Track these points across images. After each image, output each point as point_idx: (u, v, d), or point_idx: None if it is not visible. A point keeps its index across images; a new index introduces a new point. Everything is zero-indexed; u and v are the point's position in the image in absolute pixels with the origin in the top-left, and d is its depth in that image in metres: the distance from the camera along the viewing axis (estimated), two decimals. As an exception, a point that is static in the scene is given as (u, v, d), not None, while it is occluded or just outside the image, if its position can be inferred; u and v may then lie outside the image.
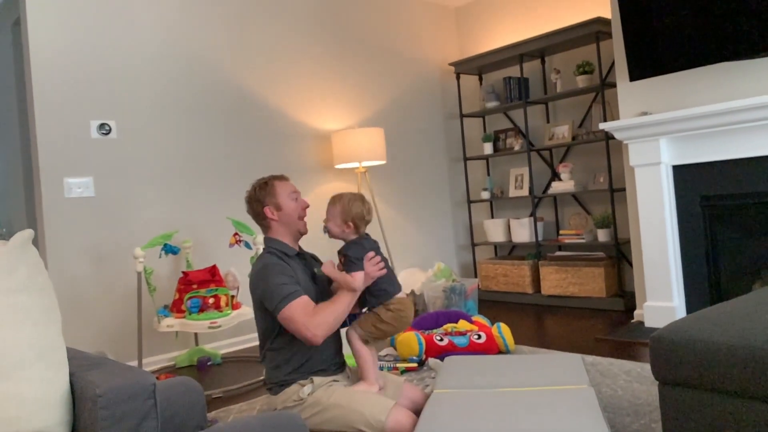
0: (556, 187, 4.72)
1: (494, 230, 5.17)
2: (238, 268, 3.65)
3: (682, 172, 3.57)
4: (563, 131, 4.77)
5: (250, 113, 4.18)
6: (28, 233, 1.18)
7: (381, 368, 3.04)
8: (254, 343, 4.03)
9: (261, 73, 4.25)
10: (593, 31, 4.28)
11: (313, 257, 2.36)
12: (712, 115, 3.28)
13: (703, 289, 3.52)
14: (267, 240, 2.19)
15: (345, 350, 2.26)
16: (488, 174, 5.47)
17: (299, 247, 2.25)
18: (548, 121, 4.98)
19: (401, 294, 2.18)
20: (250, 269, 3.44)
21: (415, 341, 3.18)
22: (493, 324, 3.41)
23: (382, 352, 3.48)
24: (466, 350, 3.19)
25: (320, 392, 2.03)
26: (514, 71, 5.12)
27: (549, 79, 4.95)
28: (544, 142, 4.89)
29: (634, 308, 4.05)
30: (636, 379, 2.68)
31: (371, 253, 2.09)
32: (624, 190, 4.21)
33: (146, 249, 3.24)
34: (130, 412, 1.13)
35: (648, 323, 3.65)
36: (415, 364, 3.12)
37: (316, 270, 2.25)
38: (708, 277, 3.50)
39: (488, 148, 5.21)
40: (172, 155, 3.81)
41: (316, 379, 2.07)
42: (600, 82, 4.31)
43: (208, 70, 3.99)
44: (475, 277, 5.25)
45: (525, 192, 5.01)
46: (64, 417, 1.16)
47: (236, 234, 3.48)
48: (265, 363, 2.15)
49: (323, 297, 2.13)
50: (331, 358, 2.15)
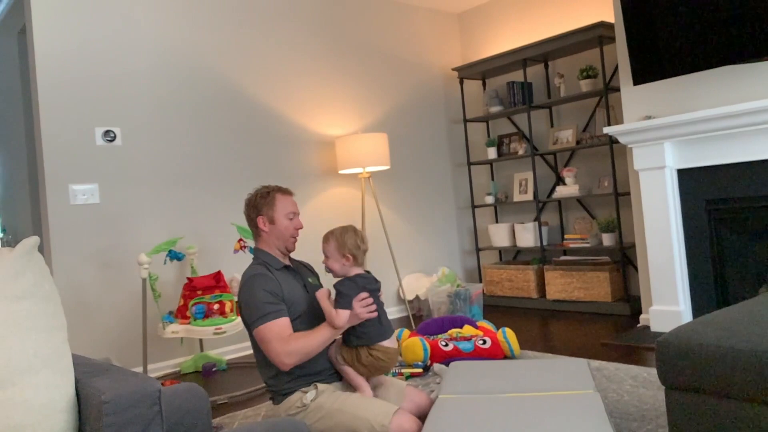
0: (561, 191, 4.71)
1: (499, 235, 5.17)
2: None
3: (686, 176, 3.56)
4: (567, 135, 4.77)
5: (254, 119, 4.19)
6: (33, 240, 1.18)
7: (386, 374, 3.03)
8: (259, 349, 4.03)
9: (265, 80, 4.26)
10: (596, 35, 4.28)
11: (308, 267, 2.36)
12: (716, 118, 3.27)
13: (709, 293, 3.50)
14: (256, 250, 2.20)
15: None
16: (492, 179, 5.47)
17: (289, 259, 2.25)
18: (552, 126, 4.98)
19: (389, 343, 2.11)
20: (254, 275, 3.45)
21: (420, 347, 3.18)
22: (498, 329, 3.40)
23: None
24: (471, 355, 3.18)
25: (323, 398, 2.03)
26: (517, 76, 5.12)
27: (552, 83, 4.95)
28: (548, 147, 4.88)
29: (640, 313, 4.03)
30: (642, 384, 2.67)
31: (363, 294, 2.03)
32: (629, 194, 4.20)
33: (151, 255, 3.25)
34: (136, 419, 1.13)
35: (654, 327, 3.63)
36: (420, 370, 3.12)
37: (310, 279, 2.25)
38: (714, 281, 3.49)
39: (492, 153, 5.21)
40: (177, 161, 3.82)
41: (320, 386, 2.06)
42: (604, 86, 4.31)
43: (213, 76, 4.01)
44: (480, 282, 5.24)
45: (529, 196, 5.01)
46: (70, 423, 1.16)
47: (241, 240, 3.48)
48: (262, 372, 2.14)
49: (314, 308, 2.12)
50: (330, 366, 2.15)
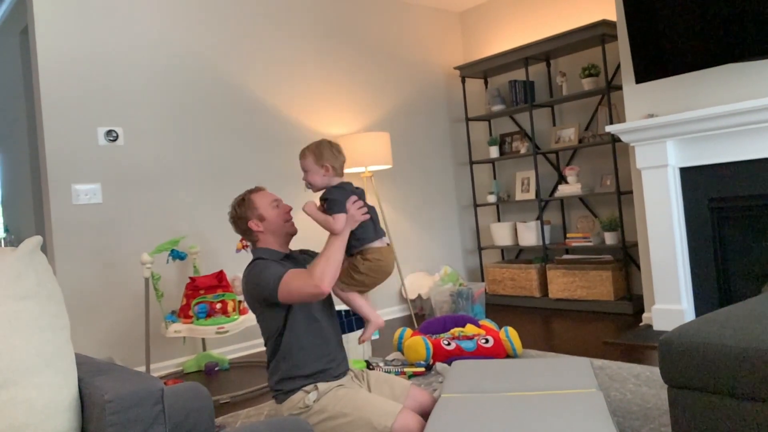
0: (563, 190, 4.71)
1: (501, 234, 5.16)
2: (245, 274, 3.65)
3: (689, 175, 3.56)
4: (569, 134, 4.76)
5: (256, 119, 4.19)
6: (36, 240, 1.19)
7: (388, 372, 3.03)
8: (262, 349, 4.03)
9: (267, 79, 4.26)
10: (598, 33, 4.27)
11: (308, 252, 2.37)
12: (718, 116, 3.26)
13: (712, 292, 3.49)
14: (254, 252, 2.19)
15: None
16: (494, 177, 5.47)
17: (289, 249, 2.25)
18: (554, 124, 4.97)
19: (381, 243, 2.13)
20: (256, 274, 3.45)
21: (422, 346, 3.18)
22: (500, 328, 3.40)
23: (389, 357, 3.48)
24: (474, 354, 3.18)
25: (326, 399, 2.02)
26: (519, 74, 5.11)
27: (554, 82, 4.94)
28: (551, 145, 4.88)
29: (643, 311, 4.02)
30: (645, 382, 2.67)
31: (354, 197, 2.08)
32: (631, 192, 4.19)
33: (154, 255, 3.25)
34: (139, 418, 1.13)
35: (657, 326, 3.63)
36: (423, 369, 3.12)
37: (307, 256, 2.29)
38: (717, 279, 3.48)
39: (494, 152, 5.20)
40: (179, 161, 3.83)
41: (321, 386, 2.05)
42: (606, 85, 4.30)
43: (215, 76, 4.01)
44: (482, 281, 5.24)
45: (532, 195, 5.00)
46: (72, 423, 1.17)
47: (243, 239, 3.48)
48: (270, 373, 2.13)
49: None
50: (335, 356, 2.14)
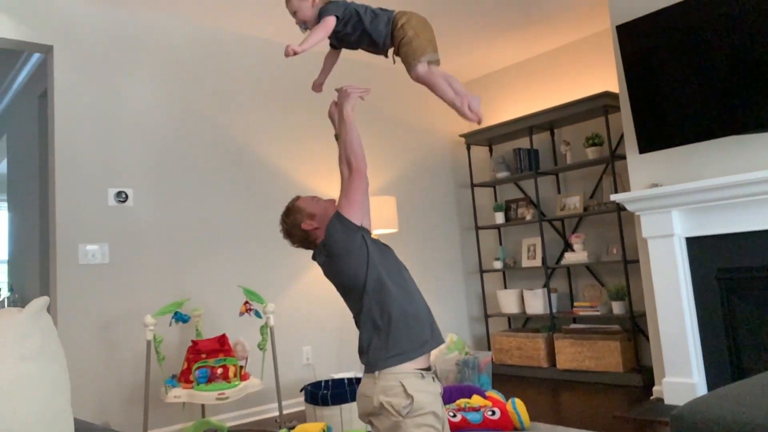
0: (569, 257, 4.69)
1: (508, 301, 5.11)
2: (247, 338, 3.61)
3: (696, 244, 3.54)
4: (575, 202, 4.79)
5: (262, 182, 4.25)
6: (43, 301, 1.19)
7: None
8: (262, 416, 3.93)
9: (273, 143, 4.35)
10: (601, 104, 4.37)
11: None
12: (723, 187, 3.28)
13: (723, 365, 3.41)
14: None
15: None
16: (500, 243, 5.47)
17: None
18: (559, 192, 5.01)
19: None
20: (259, 339, 3.41)
21: (426, 416, 3.09)
22: (507, 399, 3.31)
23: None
24: (480, 427, 3.08)
25: (426, 419, 1.85)
26: (523, 142, 5.20)
27: (559, 150, 5.02)
28: (556, 213, 4.90)
29: (653, 384, 3.92)
30: (658, 459, 2.57)
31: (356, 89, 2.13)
32: (638, 261, 4.17)
33: (157, 317, 3.23)
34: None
35: (668, 400, 3.53)
36: (427, 441, 3.01)
37: None
38: (728, 352, 3.41)
39: (500, 218, 5.23)
40: (186, 222, 3.86)
41: (424, 387, 1.88)
42: (610, 154, 4.36)
43: (223, 140, 4.10)
44: (489, 349, 5.15)
45: (538, 262, 4.98)
46: (66, 492, 1.13)
47: (247, 302, 3.46)
48: (363, 341, 1.97)
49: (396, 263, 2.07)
50: (427, 331, 1.99)
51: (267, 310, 3.42)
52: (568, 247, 4.89)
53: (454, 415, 3.12)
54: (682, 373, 3.49)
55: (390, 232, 4.53)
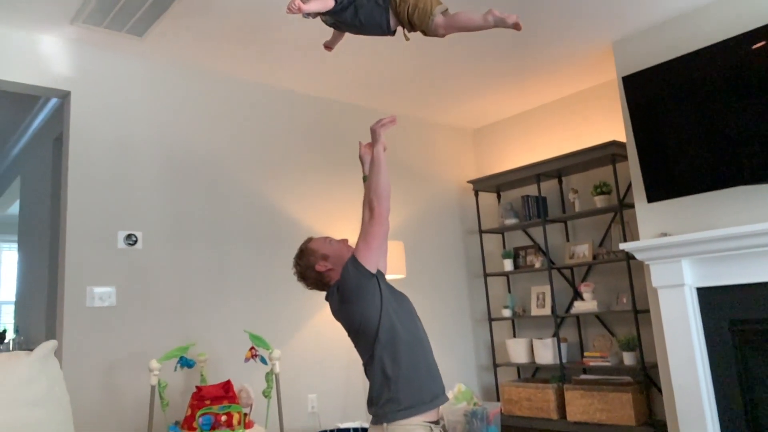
0: (579, 306, 4.64)
1: (517, 350, 5.03)
2: (252, 384, 3.56)
3: (707, 295, 3.50)
4: (583, 250, 4.77)
5: (270, 228, 4.27)
6: (51, 345, 1.18)
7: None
8: (264, 466, 3.84)
9: (283, 189, 4.39)
10: (609, 153, 4.39)
11: None
12: (733, 237, 3.26)
13: (739, 420, 3.32)
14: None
15: None
16: (509, 291, 5.42)
17: None
18: (568, 240, 4.99)
19: None
20: (264, 386, 3.36)
21: (434, 469, 3.00)
22: (516, 452, 3.22)
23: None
24: (489, 480, 2.99)
25: None
26: (531, 190, 5.22)
27: (567, 198, 5.02)
28: (565, 261, 4.87)
29: (667, 438, 3.81)
30: None
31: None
32: (648, 311, 4.12)
33: (162, 362, 3.20)
34: None
35: (683, 456, 3.43)
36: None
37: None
38: (744, 406, 3.32)
39: (508, 265, 5.20)
40: (194, 266, 3.86)
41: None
42: (618, 203, 4.36)
43: (233, 185, 4.14)
44: (498, 400, 5.04)
45: (547, 311, 4.93)
46: None
47: (252, 348, 3.43)
48: (374, 391, 1.95)
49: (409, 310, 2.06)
50: (439, 385, 2.00)
51: (273, 356, 3.38)
52: (578, 295, 4.84)
53: (463, 469, 3.03)
54: (697, 427, 3.40)
55: (398, 277, 4.51)
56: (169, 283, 3.74)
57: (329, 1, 2.06)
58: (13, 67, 3.43)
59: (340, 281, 2.02)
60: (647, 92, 3.68)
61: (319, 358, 4.31)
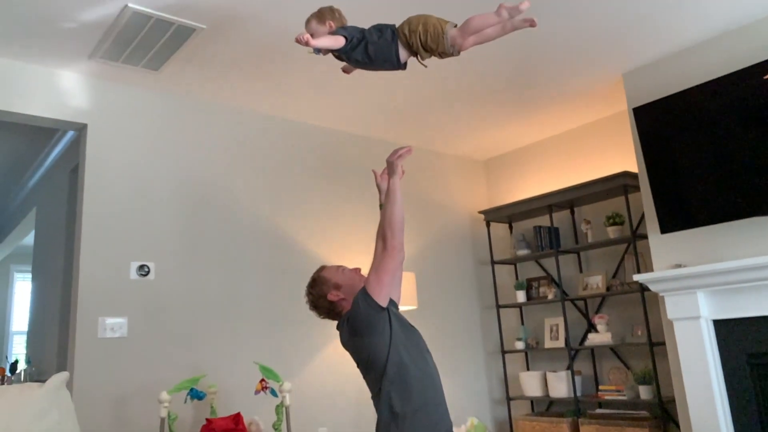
0: (593, 339, 4.57)
1: (531, 384, 4.95)
2: (262, 417, 3.52)
3: (724, 327, 3.44)
4: (597, 281, 4.72)
5: (283, 259, 4.27)
6: (63, 376, 1.18)
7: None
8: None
9: (295, 221, 4.40)
10: (621, 184, 4.38)
11: None
12: (750, 269, 3.22)
13: (761, 457, 3.23)
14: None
15: None
16: (522, 323, 5.36)
17: None
18: (581, 271, 4.95)
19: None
20: (275, 419, 3.32)
21: (447, 506, 2.94)
22: (531, 489, 3.15)
23: None
24: None
25: None
26: (544, 220, 5.20)
27: (579, 229, 5.00)
28: (578, 292, 4.82)
29: (686, 476, 3.71)
30: None
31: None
32: (664, 343, 4.05)
33: (172, 393, 3.18)
34: None
35: (703, 494, 3.33)
36: None
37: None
38: (765, 442, 3.23)
39: (521, 296, 5.15)
40: (206, 297, 3.86)
41: None
42: (631, 233, 4.33)
43: (245, 216, 4.16)
44: (510, 433, 4.94)
45: (561, 343, 4.86)
46: None
47: (263, 380, 3.40)
48: (380, 429, 1.93)
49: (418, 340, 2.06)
50: (447, 423, 1.96)
51: (283, 388, 3.35)
52: (592, 327, 4.78)
53: (476, 506, 2.96)
54: (717, 464, 3.31)
55: (409, 309, 4.48)
56: (180, 314, 3.74)
57: (340, 39, 2.09)
58: (32, 100, 3.50)
59: (350, 313, 2.01)
60: (658, 123, 3.68)
61: (329, 391, 4.26)
